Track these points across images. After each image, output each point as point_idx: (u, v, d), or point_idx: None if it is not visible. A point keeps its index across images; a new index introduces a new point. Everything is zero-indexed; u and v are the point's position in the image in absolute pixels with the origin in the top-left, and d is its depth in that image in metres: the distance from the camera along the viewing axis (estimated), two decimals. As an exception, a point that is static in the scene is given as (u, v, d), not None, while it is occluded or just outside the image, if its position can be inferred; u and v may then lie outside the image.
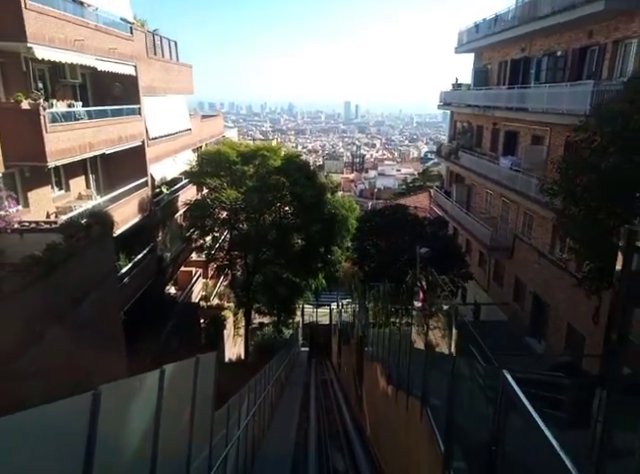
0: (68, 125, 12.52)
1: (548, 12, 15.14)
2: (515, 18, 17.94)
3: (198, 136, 25.25)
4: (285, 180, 20.38)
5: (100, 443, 2.36)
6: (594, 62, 14.46)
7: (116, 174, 17.77)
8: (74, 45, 12.80)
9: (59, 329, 8.94)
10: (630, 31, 12.71)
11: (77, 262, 9.83)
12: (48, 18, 11.58)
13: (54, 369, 8.56)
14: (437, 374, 6.96)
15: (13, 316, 7.73)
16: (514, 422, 3.93)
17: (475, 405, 5.63)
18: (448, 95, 26.22)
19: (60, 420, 2.05)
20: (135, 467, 3.11)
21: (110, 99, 16.97)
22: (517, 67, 19.10)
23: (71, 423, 2.17)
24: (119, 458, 2.88)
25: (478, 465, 5.15)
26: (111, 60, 15.13)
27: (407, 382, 8.41)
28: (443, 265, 17.50)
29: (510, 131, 19.98)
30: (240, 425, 6.94)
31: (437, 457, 6.13)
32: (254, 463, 8.44)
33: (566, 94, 14.03)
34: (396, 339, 10.15)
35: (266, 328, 29.64)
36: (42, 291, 8.56)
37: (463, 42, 24.11)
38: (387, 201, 66.12)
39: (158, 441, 3.27)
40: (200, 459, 4.66)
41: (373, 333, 13.91)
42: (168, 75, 20.93)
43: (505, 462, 4.13)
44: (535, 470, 3.92)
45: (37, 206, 13.50)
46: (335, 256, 23.40)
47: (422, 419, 7.08)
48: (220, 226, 22.14)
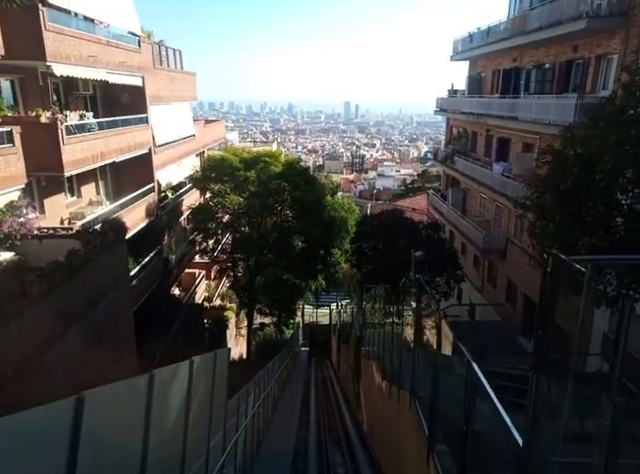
0: (82, 136, 13.29)
1: (536, 27, 15.92)
2: (506, 30, 18.71)
3: (202, 141, 26.01)
4: (286, 185, 21.15)
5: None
6: (579, 75, 15.24)
7: (124, 180, 18.54)
8: (88, 61, 13.58)
9: (79, 328, 9.73)
10: (611, 47, 13.48)
11: (94, 267, 10.61)
12: (65, 37, 12.34)
13: (74, 365, 9.33)
14: (425, 369, 7.74)
15: (40, 317, 8.50)
16: (480, 406, 4.74)
17: (454, 394, 6.41)
18: (444, 101, 27.00)
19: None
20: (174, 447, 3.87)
21: (118, 108, 17.75)
22: (509, 77, 19.89)
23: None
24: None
25: (456, 446, 5.92)
26: (121, 73, 15.89)
27: (399, 377, 9.21)
28: (437, 267, 18.29)
29: (502, 138, 20.74)
30: (247, 415, 7.72)
31: (423, 442, 6.93)
32: (259, 451, 9.22)
33: (552, 105, 14.80)
34: (389, 338, 10.93)
35: (267, 328, 30.43)
36: (64, 294, 9.33)
37: (458, 51, 24.89)
38: (386, 202, 66.94)
39: (188, 422, 4.05)
40: (216, 439, 5.45)
41: (369, 333, 14.70)
42: (173, 84, 21.69)
43: (473, 438, 4.94)
44: (494, 443, 4.72)
45: (52, 212, 14.27)
46: (335, 258, 24.16)
47: (411, 409, 7.88)
48: (223, 229, 22.91)
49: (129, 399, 3.02)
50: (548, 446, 3.94)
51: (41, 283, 8.65)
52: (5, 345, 7.51)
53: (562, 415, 3.82)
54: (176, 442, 3.92)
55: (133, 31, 16.96)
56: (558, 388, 4.44)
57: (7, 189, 10.17)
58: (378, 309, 13.43)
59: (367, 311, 16.20)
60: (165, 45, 20.83)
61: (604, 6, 12.83)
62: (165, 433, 3.64)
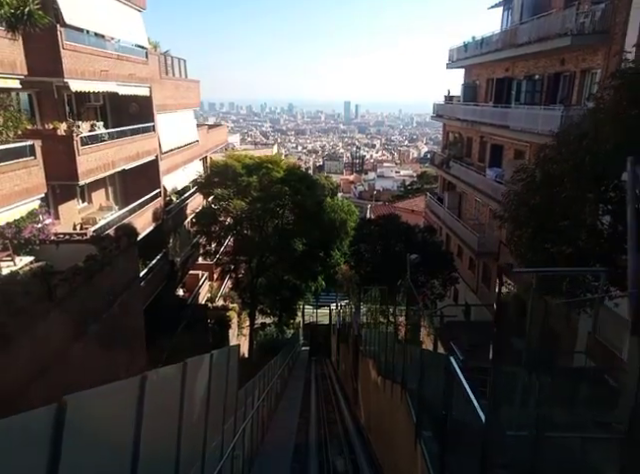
0: (95, 147, 14.10)
1: (525, 41, 16.71)
2: (499, 42, 19.50)
3: (205, 146, 26.82)
4: (287, 189, 21.96)
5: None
6: (566, 87, 16.02)
7: (132, 186, 19.33)
8: (100, 75, 14.38)
9: (96, 327, 10.53)
10: (595, 63, 14.27)
11: (110, 270, 11.40)
12: (80, 54, 13.14)
13: (93, 360, 10.13)
14: (415, 364, 8.55)
15: (63, 317, 9.30)
16: (457, 395, 5.54)
17: (438, 386, 7.22)
18: (440, 107, 27.80)
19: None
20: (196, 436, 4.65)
21: (127, 117, 18.54)
22: (502, 86, 20.66)
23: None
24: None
25: (438, 430, 6.72)
26: (130, 84, 16.68)
27: (392, 372, 10.02)
28: (432, 270, 19.09)
29: (496, 144, 21.52)
30: (254, 405, 8.52)
31: (412, 429, 7.74)
32: (264, 439, 10.03)
33: (540, 116, 15.57)
34: (384, 337, 11.75)
35: (268, 328, 31.24)
36: (84, 296, 10.13)
37: (454, 59, 25.67)
38: (386, 203, 67.68)
39: (210, 405, 4.84)
40: (228, 423, 6.26)
41: (366, 332, 15.51)
42: (178, 92, 22.49)
43: (451, 423, 5.76)
44: (465, 424, 5.51)
45: (66, 218, 15.07)
46: (334, 259, 24.96)
47: (402, 400, 8.69)
48: (226, 232, 23.72)
49: (165, 388, 3.77)
50: (504, 423, 4.74)
51: (64, 286, 9.45)
52: (34, 343, 8.30)
53: (514, 398, 4.62)
54: (200, 423, 4.73)
55: (141, 44, 17.74)
56: (512, 377, 5.25)
57: (30, 198, 10.96)
58: (374, 310, 14.23)
59: (364, 311, 17.00)
60: (170, 55, 21.64)
61: (587, 24, 13.61)
62: (193, 415, 4.44)
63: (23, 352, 7.88)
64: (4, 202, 10.00)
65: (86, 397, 2.34)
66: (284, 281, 26.61)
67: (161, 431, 3.63)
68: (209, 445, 5.07)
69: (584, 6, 14.38)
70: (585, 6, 14.33)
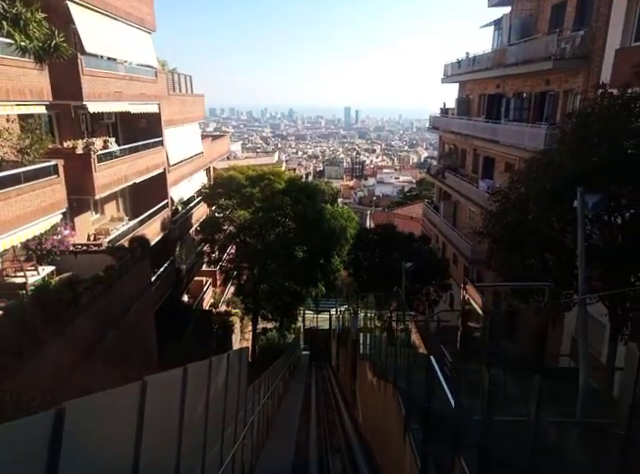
0: (110, 163, 15.10)
1: (513, 61, 17.74)
2: (489, 60, 20.54)
3: (209, 157, 27.86)
4: (288, 199, 22.95)
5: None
6: (551, 106, 17.04)
7: (141, 197, 20.31)
8: (114, 96, 15.40)
9: (115, 331, 11.48)
10: (576, 84, 15.28)
11: (126, 279, 12.38)
12: (97, 78, 14.17)
13: (112, 361, 11.07)
14: (404, 365, 9.50)
15: (87, 322, 10.25)
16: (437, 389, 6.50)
17: (423, 383, 8.16)
18: (436, 120, 28.86)
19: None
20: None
21: (136, 132, 19.56)
22: (493, 102, 21.70)
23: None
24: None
25: (423, 421, 7.65)
26: (140, 103, 17.71)
27: (385, 372, 10.96)
28: (426, 277, 20.04)
29: (488, 157, 22.53)
30: (260, 402, 9.48)
31: (402, 422, 8.69)
32: (268, 432, 10.97)
33: (527, 133, 16.57)
34: (378, 340, 12.70)
35: (269, 333, 32.10)
36: (104, 302, 11.10)
37: (448, 74, 26.74)
38: (385, 210, 68.62)
39: (227, 397, 5.79)
40: (240, 415, 7.22)
41: (363, 336, 16.45)
42: (185, 107, 23.53)
43: (432, 413, 6.72)
44: (443, 414, 6.45)
45: (81, 229, 16.03)
46: (334, 265, 25.85)
47: (394, 397, 9.63)
48: (229, 240, 24.68)
49: (195, 382, 4.71)
50: (469, 409, 5.69)
51: (87, 294, 10.42)
52: (62, 346, 9.25)
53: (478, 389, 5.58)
54: (219, 413, 5.69)
55: (150, 64, 18.78)
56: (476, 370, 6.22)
57: (53, 213, 11.93)
58: (370, 316, 15.20)
59: (361, 317, 17.95)
60: (177, 72, 22.70)
61: (568, 49, 14.63)
62: (217, 405, 5.41)
63: (53, 354, 8.82)
64: (32, 217, 10.97)
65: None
66: (285, 287, 27.50)
67: (194, 416, 4.58)
68: (226, 431, 6.04)
69: (566, 32, 15.42)
70: (567, 32, 15.37)
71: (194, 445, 4.68)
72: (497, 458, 4.76)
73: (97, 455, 2.49)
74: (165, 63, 21.51)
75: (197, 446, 4.76)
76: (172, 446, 3.87)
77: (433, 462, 6.68)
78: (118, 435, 2.76)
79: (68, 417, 2.03)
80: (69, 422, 2.04)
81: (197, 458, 4.75)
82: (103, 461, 2.58)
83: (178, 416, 3.92)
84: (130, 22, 16.81)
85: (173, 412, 3.85)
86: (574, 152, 6.57)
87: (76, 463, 2.21)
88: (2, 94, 9.94)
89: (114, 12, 15.39)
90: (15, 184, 10.42)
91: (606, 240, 7.40)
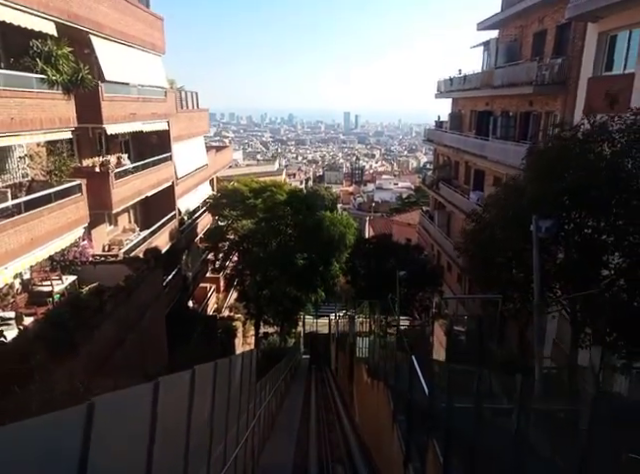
0: (126, 179, 16.35)
1: (499, 84, 19.04)
2: (478, 80, 21.85)
3: (213, 168, 29.12)
4: (289, 209, 24.22)
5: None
6: (534, 125, 18.32)
7: (151, 209, 21.56)
8: (129, 117, 16.66)
9: (133, 335, 12.70)
10: (555, 107, 16.56)
11: (143, 287, 13.61)
12: (114, 103, 15.43)
13: (131, 361, 12.27)
14: (393, 365, 10.72)
15: (111, 327, 11.47)
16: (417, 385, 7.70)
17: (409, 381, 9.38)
18: (430, 133, 30.18)
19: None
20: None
21: (147, 148, 20.83)
22: (482, 118, 22.98)
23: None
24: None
25: (407, 412, 8.86)
26: (152, 122, 18.98)
27: (377, 372, 12.19)
28: (420, 284, 21.27)
29: (478, 170, 23.78)
30: (266, 398, 10.70)
31: (391, 415, 9.92)
32: (272, 426, 12.18)
33: (511, 151, 17.83)
34: (372, 343, 13.95)
35: (271, 337, 33.23)
36: (125, 309, 12.31)
37: (441, 90, 28.06)
38: (384, 215, 69.89)
39: (242, 390, 7.01)
40: (250, 406, 8.44)
41: (360, 340, 17.68)
42: (191, 122, 24.82)
43: (413, 403, 7.94)
44: (421, 403, 7.66)
45: (97, 240, 17.26)
46: (333, 271, 26.99)
47: (384, 393, 10.86)
48: (233, 248, 25.93)
49: (221, 375, 5.93)
50: (440, 397, 6.92)
51: (111, 301, 11.64)
52: (90, 349, 10.45)
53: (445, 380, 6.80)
54: (236, 402, 6.91)
55: (161, 85, 20.07)
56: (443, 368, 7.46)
57: (77, 228, 13.16)
58: (365, 321, 16.45)
59: (358, 322, 19.18)
60: (184, 90, 24.00)
61: (547, 76, 15.93)
62: (235, 395, 6.62)
63: (83, 356, 10.02)
64: (60, 232, 12.20)
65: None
66: (286, 293, 28.66)
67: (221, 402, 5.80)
68: (241, 418, 7.27)
69: (546, 59, 16.72)
70: (547, 59, 16.68)
71: (220, 427, 5.89)
72: (458, 438, 5.96)
73: (120, 445, 2.79)
74: (173, 81, 22.79)
75: (221, 428, 5.97)
76: (205, 430, 5.08)
77: (415, 446, 7.91)
78: (136, 426, 3.05)
79: (97, 410, 2.27)
80: (97, 415, 2.27)
81: (220, 437, 5.96)
82: (125, 451, 2.89)
83: (210, 403, 5.13)
84: (143, 48, 18.10)
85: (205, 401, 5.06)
86: (534, 182, 7.79)
87: (103, 451, 2.40)
88: (37, 124, 11.18)
89: (130, 41, 16.68)
90: (47, 203, 11.66)
91: (566, 257, 8.64)
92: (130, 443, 2.99)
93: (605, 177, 7.17)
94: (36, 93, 11.26)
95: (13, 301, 12.13)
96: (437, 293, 23.20)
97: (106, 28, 14.76)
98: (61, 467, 2.13)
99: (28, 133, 10.95)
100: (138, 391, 3.17)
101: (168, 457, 3.65)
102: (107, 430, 2.44)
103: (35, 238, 11.08)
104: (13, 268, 10.41)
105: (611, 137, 8.19)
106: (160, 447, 3.20)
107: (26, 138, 10.98)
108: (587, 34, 14.46)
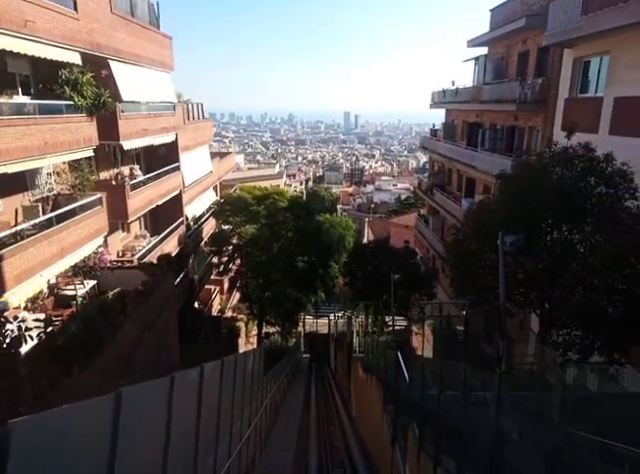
0: (139, 190, 17.66)
1: (487, 99, 20.36)
2: (468, 94, 23.17)
3: (217, 175, 30.44)
4: (290, 215, 25.56)
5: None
6: (519, 138, 19.63)
7: (160, 216, 22.84)
8: (142, 133, 17.97)
9: (150, 335, 14.01)
10: (537, 123, 17.88)
11: (158, 291, 14.91)
12: (129, 120, 16.74)
13: (148, 358, 13.58)
14: (383, 359, 12.03)
15: (131, 328, 12.76)
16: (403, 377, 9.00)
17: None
18: (425, 141, 31.52)
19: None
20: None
21: (156, 159, 22.13)
22: (473, 129, 24.29)
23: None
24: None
25: (393, 401, 10.17)
26: (162, 135, 20.29)
27: (370, 367, 13.53)
28: (413, 287, 22.59)
29: (470, 178, 25.09)
30: (271, 391, 12.04)
31: (381, 404, 11.24)
32: (276, 417, 13.52)
33: (497, 162, 19.11)
34: (367, 342, 15.28)
35: (272, 337, 34.50)
36: (143, 311, 13.62)
37: (435, 101, 29.38)
38: (383, 217, 71.03)
39: (254, 380, 8.33)
40: (259, 396, 9.76)
41: (357, 339, 19.01)
42: (197, 133, 26.13)
43: (398, 392, 9.26)
44: (405, 391, 8.98)
45: (112, 247, 18.56)
46: (332, 272, 28.24)
47: (376, 386, 12.19)
48: (236, 252, 27.25)
49: (238, 368, 7.25)
50: (419, 385, 8.24)
51: (132, 304, 12.94)
52: (114, 348, 11.75)
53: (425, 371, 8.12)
54: (248, 391, 8.22)
55: (170, 100, 21.38)
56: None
57: (98, 237, 14.48)
58: (361, 321, 17.79)
59: (355, 322, 20.52)
60: (191, 102, 25.31)
61: (529, 95, 17.24)
62: (247, 384, 7.94)
63: (108, 354, 11.31)
64: (84, 242, 13.52)
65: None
66: (287, 294, 29.98)
67: (237, 390, 7.11)
68: (252, 403, 8.59)
69: (529, 78, 18.03)
70: (529, 78, 17.99)
71: (235, 411, 7.21)
72: (429, 417, 7.27)
73: (143, 428, 3.18)
74: (180, 95, 24.09)
75: (236, 412, 7.28)
76: (213, 417, 6.38)
77: (400, 428, 9.23)
78: (155, 415, 3.49)
79: (123, 399, 2.56)
80: (124, 402, 2.56)
81: (239, 415, 7.28)
82: (147, 433, 3.33)
83: (218, 395, 6.42)
84: (154, 67, 19.41)
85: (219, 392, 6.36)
86: (501, 204, 9.07)
87: (129, 437, 2.72)
88: (66, 146, 12.50)
89: (143, 62, 17.99)
90: (73, 216, 12.97)
91: (531, 267, 9.98)
92: (150, 428, 3.42)
93: (557, 200, 8.47)
94: (65, 118, 12.57)
95: (42, 304, 13.45)
96: (426, 297, 24.46)
97: (123, 52, 16.08)
98: (91, 452, 2.42)
99: (59, 154, 12.27)
100: (157, 383, 3.55)
101: (182, 435, 4.21)
102: (132, 414, 2.76)
103: (64, 248, 12.40)
104: (46, 275, 11.72)
105: (571, 163, 9.49)
106: (176, 425, 3.74)
107: (57, 158, 12.30)
108: (564, 58, 15.75)
